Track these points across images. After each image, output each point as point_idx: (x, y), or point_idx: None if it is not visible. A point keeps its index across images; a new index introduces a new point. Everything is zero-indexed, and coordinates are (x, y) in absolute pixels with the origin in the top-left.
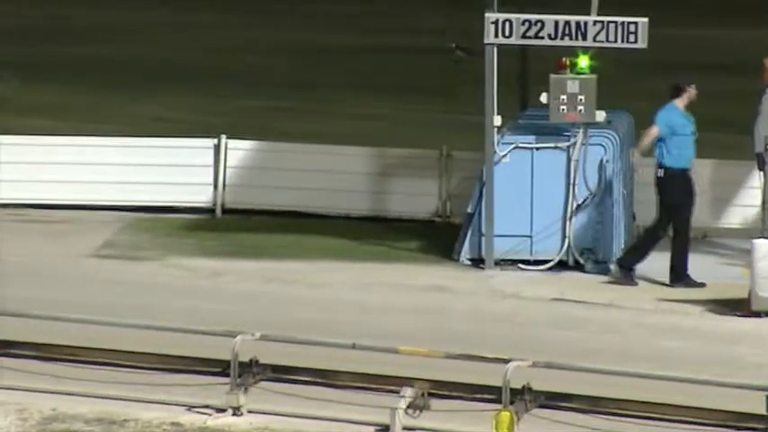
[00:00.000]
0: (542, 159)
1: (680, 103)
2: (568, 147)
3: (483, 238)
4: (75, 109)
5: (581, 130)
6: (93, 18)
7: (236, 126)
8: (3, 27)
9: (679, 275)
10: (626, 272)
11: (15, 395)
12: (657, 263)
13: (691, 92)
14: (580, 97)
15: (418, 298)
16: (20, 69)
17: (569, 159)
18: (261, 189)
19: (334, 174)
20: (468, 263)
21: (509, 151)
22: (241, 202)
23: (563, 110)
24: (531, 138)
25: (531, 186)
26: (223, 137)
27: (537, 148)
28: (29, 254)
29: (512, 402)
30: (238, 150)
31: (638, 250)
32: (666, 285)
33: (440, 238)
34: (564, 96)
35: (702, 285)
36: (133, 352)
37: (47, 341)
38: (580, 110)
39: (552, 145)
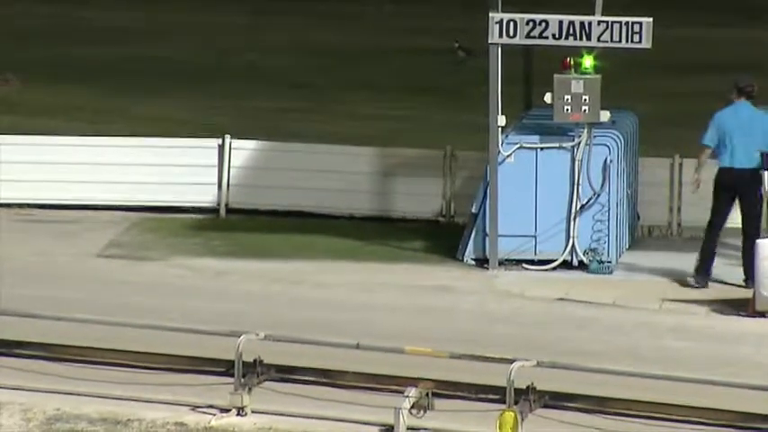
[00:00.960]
0: (547, 159)
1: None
2: (573, 147)
3: (487, 238)
4: (86, 109)
5: (585, 130)
6: (103, 19)
7: (241, 126)
8: (14, 27)
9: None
10: None
11: (20, 395)
12: (662, 263)
13: None
14: (584, 97)
15: (422, 298)
16: (30, 70)
17: (573, 159)
18: (265, 189)
19: (338, 174)
20: (473, 263)
21: (513, 151)
22: (245, 202)
23: (567, 110)
24: (536, 138)
25: (536, 186)
26: (227, 137)
27: (541, 148)
28: (34, 254)
29: (516, 402)
30: (243, 150)
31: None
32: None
33: (444, 237)
34: (568, 96)
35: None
36: (138, 352)
37: (52, 341)
38: (584, 110)
39: (556, 145)
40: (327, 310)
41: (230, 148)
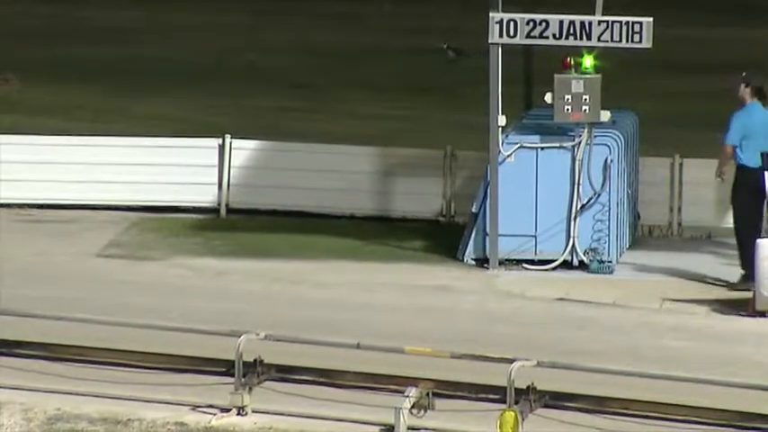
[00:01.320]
0: (547, 159)
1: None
2: (573, 146)
3: (487, 238)
4: (86, 109)
5: (585, 130)
6: (105, 19)
7: (241, 126)
8: (15, 27)
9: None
10: None
11: (20, 395)
12: (663, 262)
13: None
14: (585, 97)
15: (423, 298)
16: (30, 70)
17: (574, 159)
18: (265, 189)
19: (338, 173)
20: (473, 263)
21: (513, 151)
22: (246, 201)
23: (568, 110)
24: (536, 137)
25: (536, 186)
26: (227, 137)
27: (542, 148)
28: (34, 254)
29: (516, 402)
30: (243, 150)
31: None
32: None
33: (444, 237)
34: (569, 96)
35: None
36: (138, 352)
37: (52, 341)
38: (585, 109)
39: (557, 145)
40: (327, 310)
41: (230, 148)
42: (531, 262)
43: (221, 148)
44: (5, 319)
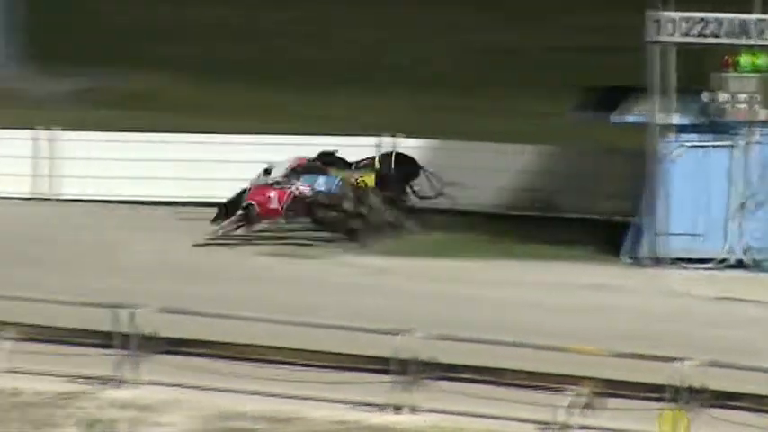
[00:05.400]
0: (709, 158)
1: None
2: (735, 145)
3: (647, 237)
4: (254, 108)
5: (748, 129)
6: (266, 19)
7: (405, 124)
8: (178, 27)
9: None
10: None
11: (183, 392)
12: None
13: None
14: (746, 96)
15: (584, 296)
16: (196, 69)
17: (736, 158)
18: None
19: (493, 172)
20: (636, 261)
21: (677, 150)
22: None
23: (729, 108)
24: (699, 137)
25: (699, 185)
26: (385, 135)
27: (703, 147)
28: (196, 251)
29: (680, 401)
30: (402, 149)
31: None
32: None
33: (606, 235)
34: (729, 95)
35: None
36: (299, 349)
37: (216, 339)
38: (746, 108)
39: (719, 143)
40: (486, 308)
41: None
42: (695, 260)
43: (378, 147)
44: (171, 318)
